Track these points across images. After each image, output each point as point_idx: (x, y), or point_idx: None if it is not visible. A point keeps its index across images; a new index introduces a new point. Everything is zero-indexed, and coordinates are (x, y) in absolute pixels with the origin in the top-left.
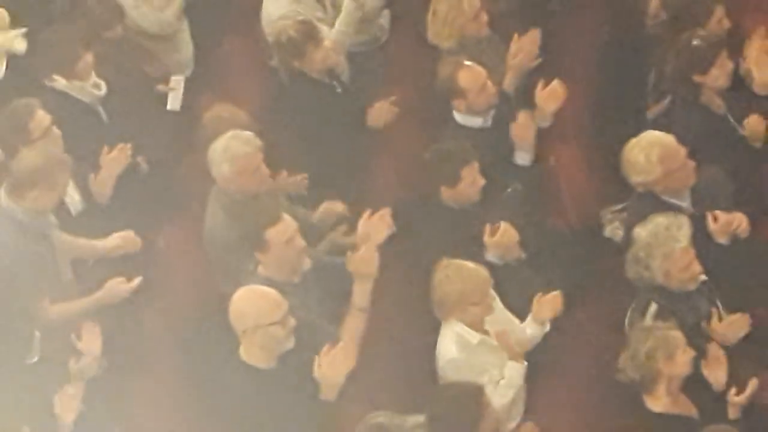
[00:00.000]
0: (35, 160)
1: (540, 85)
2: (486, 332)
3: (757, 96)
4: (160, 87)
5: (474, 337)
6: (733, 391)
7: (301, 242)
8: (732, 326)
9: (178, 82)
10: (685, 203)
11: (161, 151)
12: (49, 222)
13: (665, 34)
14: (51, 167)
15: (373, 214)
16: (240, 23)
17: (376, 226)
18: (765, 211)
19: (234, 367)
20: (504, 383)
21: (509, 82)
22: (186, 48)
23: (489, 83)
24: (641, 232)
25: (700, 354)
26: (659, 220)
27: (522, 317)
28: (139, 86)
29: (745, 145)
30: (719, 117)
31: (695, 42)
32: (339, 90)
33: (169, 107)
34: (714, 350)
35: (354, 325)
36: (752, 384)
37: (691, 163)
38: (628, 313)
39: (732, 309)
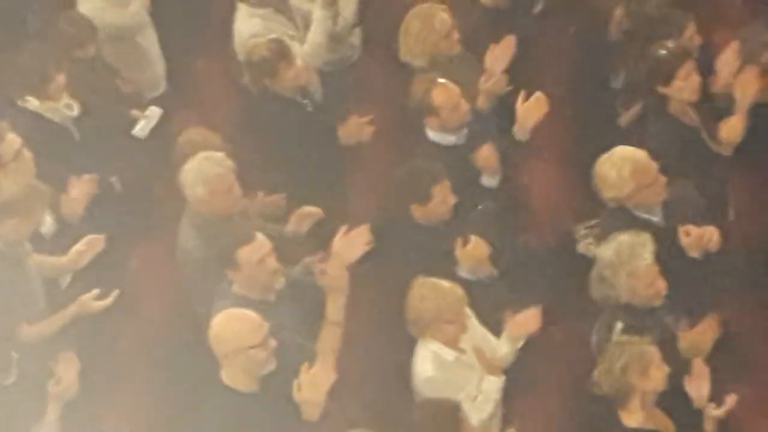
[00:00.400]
0: (13, 190)
1: (521, 97)
2: (461, 350)
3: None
4: (136, 113)
5: (449, 354)
6: (711, 404)
7: (273, 263)
8: (701, 333)
9: (154, 112)
10: (657, 218)
11: (134, 171)
12: (25, 249)
13: (630, 41)
14: (30, 198)
15: (350, 230)
16: (212, 42)
17: (351, 242)
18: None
19: (213, 388)
20: (482, 398)
21: (482, 102)
22: (158, 64)
23: (462, 101)
24: (605, 251)
25: (675, 370)
26: (622, 239)
27: (496, 334)
28: (111, 106)
29: (716, 159)
30: (690, 129)
31: (659, 52)
32: (311, 108)
33: (134, 132)
34: (698, 366)
35: (329, 339)
36: (731, 399)
37: (663, 178)
38: (594, 333)
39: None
